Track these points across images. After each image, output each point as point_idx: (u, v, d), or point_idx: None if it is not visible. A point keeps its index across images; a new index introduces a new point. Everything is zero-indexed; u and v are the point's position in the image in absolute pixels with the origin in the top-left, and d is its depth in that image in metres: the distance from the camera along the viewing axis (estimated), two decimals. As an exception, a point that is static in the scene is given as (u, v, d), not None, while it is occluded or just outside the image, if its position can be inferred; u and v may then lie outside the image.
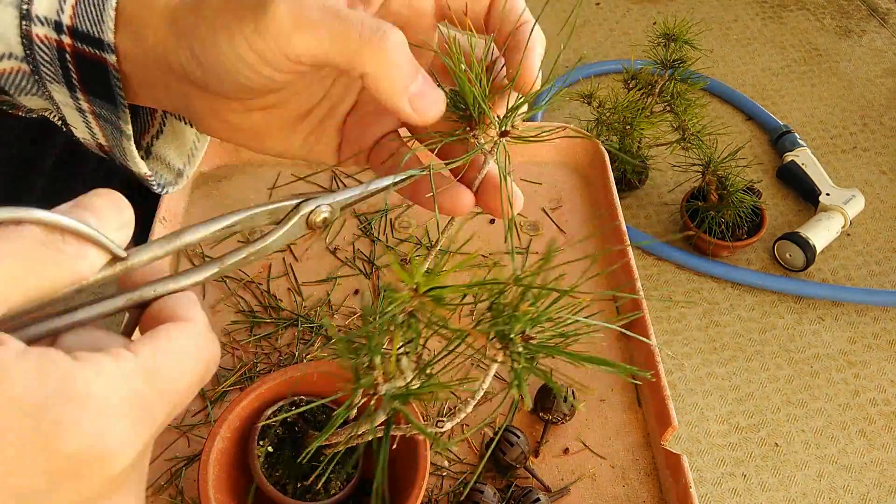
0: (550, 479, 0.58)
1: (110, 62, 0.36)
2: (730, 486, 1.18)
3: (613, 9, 1.98)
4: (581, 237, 0.74)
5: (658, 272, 1.43)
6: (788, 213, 1.53)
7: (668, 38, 1.28)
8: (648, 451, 0.60)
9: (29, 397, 0.21)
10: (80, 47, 0.36)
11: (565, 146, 0.79)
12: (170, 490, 0.56)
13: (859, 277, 1.44)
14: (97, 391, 0.23)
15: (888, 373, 1.31)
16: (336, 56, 0.32)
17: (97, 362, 0.23)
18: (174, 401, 0.26)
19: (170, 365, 0.26)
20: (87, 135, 0.41)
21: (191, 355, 0.27)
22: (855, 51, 1.88)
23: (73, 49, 0.36)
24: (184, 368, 0.27)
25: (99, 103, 0.38)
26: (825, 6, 2.01)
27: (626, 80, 1.34)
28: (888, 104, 1.76)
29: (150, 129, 0.44)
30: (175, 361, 0.26)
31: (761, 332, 1.36)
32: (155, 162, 0.45)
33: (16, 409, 0.21)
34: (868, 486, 1.18)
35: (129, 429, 0.24)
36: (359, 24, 0.32)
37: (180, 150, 0.45)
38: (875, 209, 1.54)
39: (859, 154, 1.65)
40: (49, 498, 0.22)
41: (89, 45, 0.36)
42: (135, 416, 0.24)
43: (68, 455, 0.22)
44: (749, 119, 1.71)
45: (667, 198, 1.53)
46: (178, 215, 0.72)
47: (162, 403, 0.25)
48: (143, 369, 0.25)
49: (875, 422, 1.25)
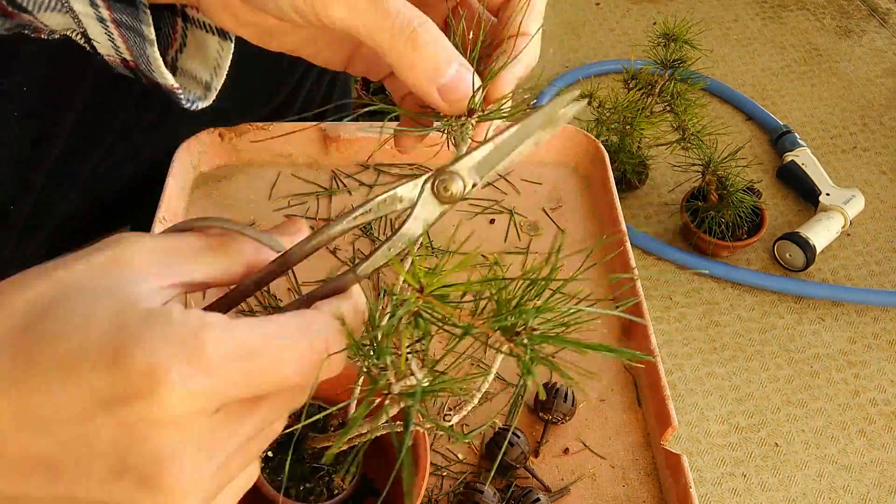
0: (550, 479, 0.58)
1: None
2: (730, 486, 1.18)
3: (613, 9, 1.98)
4: (581, 237, 0.74)
5: (658, 272, 1.43)
6: (788, 213, 1.53)
7: (668, 38, 1.28)
8: (648, 451, 0.60)
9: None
10: None
11: (565, 146, 0.79)
12: (170, 490, 0.56)
13: (859, 277, 1.44)
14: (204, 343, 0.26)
15: (888, 373, 1.31)
16: (367, 38, 0.33)
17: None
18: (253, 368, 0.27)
19: (255, 332, 0.27)
20: (111, 50, 0.40)
21: (287, 329, 0.28)
22: (855, 51, 1.88)
23: None
24: (269, 337, 0.27)
25: (119, 8, 0.37)
26: (825, 6, 2.01)
27: (626, 80, 1.34)
28: (888, 104, 1.76)
29: (173, 44, 0.44)
30: (264, 331, 0.27)
31: (761, 332, 1.36)
32: (182, 77, 0.45)
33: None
34: (868, 486, 1.18)
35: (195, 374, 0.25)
36: (395, 13, 0.32)
37: (205, 62, 0.45)
38: (875, 209, 1.54)
39: (859, 154, 1.65)
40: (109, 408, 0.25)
41: None
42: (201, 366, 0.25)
43: (137, 370, 0.25)
44: (749, 119, 1.71)
45: (667, 198, 1.54)
46: (178, 215, 0.72)
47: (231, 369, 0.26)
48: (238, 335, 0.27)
49: (875, 422, 1.25)
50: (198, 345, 0.25)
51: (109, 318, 0.26)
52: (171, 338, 0.25)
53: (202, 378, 0.25)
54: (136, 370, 0.25)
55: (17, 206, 0.66)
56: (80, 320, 0.26)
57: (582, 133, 0.78)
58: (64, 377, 0.25)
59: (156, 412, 0.25)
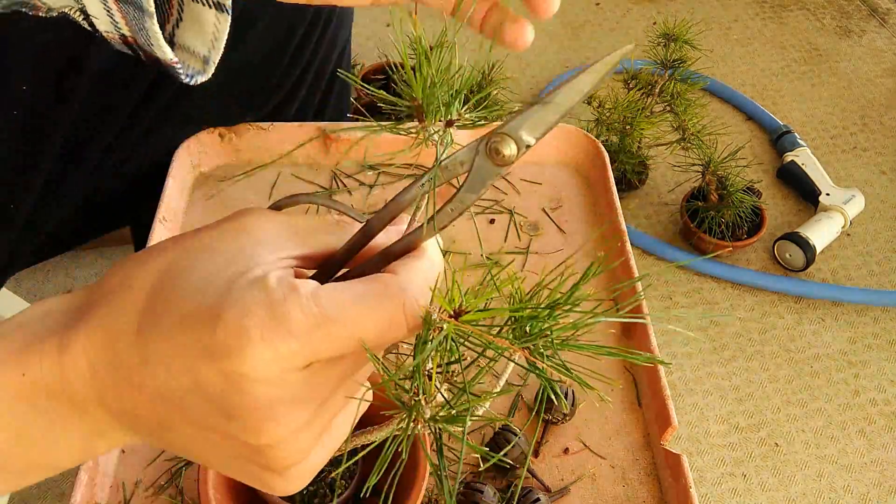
0: (550, 479, 0.58)
1: None
2: (730, 486, 1.18)
3: (613, 9, 1.98)
4: (581, 237, 0.74)
5: (658, 272, 1.43)
6: (788, 213, 1.53)
7: (668, 38, 1.28)
8: (648, 451, 0.60)
9: None
10: None
11: (565, 146, 0.79)
12: (170, 490, 0.56)
13: (859, 277, 1.44)
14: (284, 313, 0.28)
15: (888, 373, 1.31)
16: None
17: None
18: (339, 333, 0.29)
19: (338, 300, 0.29)
20: (111, 26, 0.41)
21: (367, 296, 0.30)
22: (855, 51, 1.88)
23: None
24: (351, 305, 0.29)
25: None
26: (825, 6, 2.01)
27: (626, 80, 1.34)
28: (888, 104, 1.76)
29: (169, 19, 0.45)
30: (346, 298, 0.29)
31: (761, 332, 1.36)
32: (180, 52, 0.45)
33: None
34: (868, 486, 1.18)
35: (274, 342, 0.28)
36: None
37: (203, 36, 0.46)
38: (875, 209, 1.54)
39: (859, 154, 1.65)
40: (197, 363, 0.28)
41: None
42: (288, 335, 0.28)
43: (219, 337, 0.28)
44: (749, 119, 1.71)
45: (667, 198, 1.54)
46: (178, 215, 0.72)
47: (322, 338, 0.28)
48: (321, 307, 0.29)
49: (875, 422, 1.25)
50: (284, 310, 0.28)
51: (223, 283, 0.29)
52: (262, 302, 0.28)
53: (287, 340, 0.28)
54: (229, 329, 0.28)
55: (16, 205, 0.66)
56: (201, 282, 0.29)
57: (582, 133, 0.78)
58: (178, 329, 0.29)
59: (247, 368, 0.27)
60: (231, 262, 0.30)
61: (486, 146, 0.32)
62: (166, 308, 0.29)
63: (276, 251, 0.32)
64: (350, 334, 0.29)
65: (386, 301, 0.30)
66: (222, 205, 0.75)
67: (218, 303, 0.28)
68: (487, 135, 0.32)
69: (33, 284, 1.41)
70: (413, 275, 0.32)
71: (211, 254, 0.31)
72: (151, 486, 0.57)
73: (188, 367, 0.28)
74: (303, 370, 0.29)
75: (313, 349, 0.28)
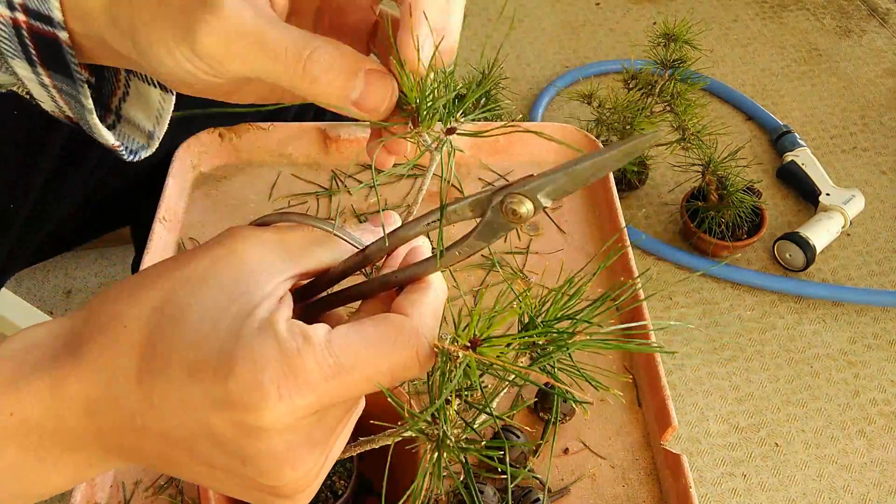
0: (550, 479, 0.58)
1: (62, 39, 0.37)
2: (730, 486, 1.18)
3: (613, 9, 1.98)
4: (581, 237, 0.74)
5: (658, 272, 1.43)
6: (788, 213, 1.53)
7: (668, 38, 1.28)
8: (648, 451, 0.60)
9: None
10: (34, 24, 0.37)
11: (565, 146, 0.79)
12: (170, 490, 0.56)
13: (859, 277, 1.44)
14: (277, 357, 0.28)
15: (888, 373, 1.31)
16: (270, 79, 0.33)
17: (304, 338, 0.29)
18: (346, 381, 0.29)
19: (352, 347, 0.29)
20: (54, 107, 0.42)
21: (381, 342, 0.30)
22: (855, 51, 1.88)
23: (28, 25, 0.37)
24: (364, 352, 0.29)
25: (59, 78, 0.39)
26: (825, 6, 2.01)
27: (626, 80, 1.34)
28: (888, 104, 1.76)
29: (116, 92, 0.45)
30: (359, 346, 0.30)
31: (761, 332, 1.36)
32: (125, 125, 0.46)
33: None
34: (868, 486, 1.18)
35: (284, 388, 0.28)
36: (283, 51, 0.32)
37: (147, 111, 0.46)
38: (875, 209, 1.54)
39: (859, 154, 1.65)
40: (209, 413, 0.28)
41: (41, 21, 0.36)
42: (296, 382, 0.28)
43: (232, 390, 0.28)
44: (749, 119, 1.71)
45: (667, 198, 1.54)
46: (178, 214, 0.72)
47: (329, 384, 0.29)
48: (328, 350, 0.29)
49: (875, 422, 1.25)
50: (300, 363, 0.28)
51: (229, 327, 0.29)
52: (276, 356, 0.28)
53: (303, 393, 0.28)
54: (244, 385, 0.28)
55: (16, 205, 0.66)
56: (203, 324, 0.29)
57: (582, 133, 0.78)
58: (187, 379, 0.28)
59: (264, 421, 0.28)
60: (230, 297, 0.30)
61: (502, 204, 0.31)
62: (169, 352, 0.29)
63: (273, 276, 0.31)
64: (365, 379, 0.29)
65: (400, 346, 0.30)
66: (222, 204, 0.75)
67: (228, 353, 0.28)
68: (504, 189, 0.31)
69: (33, 284, 1.41)
70: (424, 314, 0.32)
71: (206, 287, 0.30)
72: (151, 486, 0.56)
73: (200, 416, 0.28)
74: (316, 413, 0.29)
75: (329, 397, 0.29)
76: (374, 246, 0.35)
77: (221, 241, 0.32)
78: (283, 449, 0.29)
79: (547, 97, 1.68)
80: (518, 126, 0.36)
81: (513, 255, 0.72)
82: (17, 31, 0.37)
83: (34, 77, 0.39)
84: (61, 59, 0.38)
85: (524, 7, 1.96)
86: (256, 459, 0.29)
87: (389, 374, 0.30)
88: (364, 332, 0.30)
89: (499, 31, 1.90)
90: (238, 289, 0.30)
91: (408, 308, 0.32)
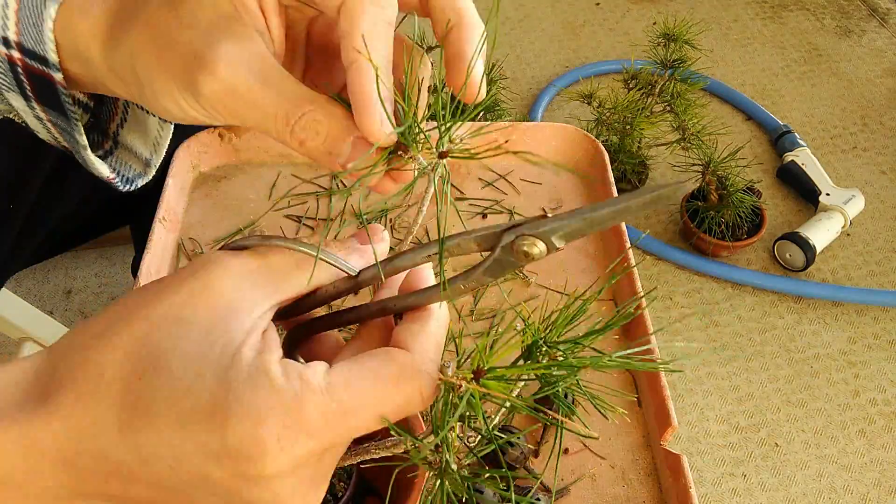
0: (550, 479, 0.58)
1: (57, 80, 0.37)
2: (730, 486, 1.18)
3: (613, 9, 1.98)
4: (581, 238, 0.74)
5: (658, 272, 1.43)
6: (788, 213, 1.53)
7: (668, 38, 1.28)
8: (648, 451, 0.60)
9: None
10: (29, 63, 0.37)
11: (565, 146, 0.79)
12: None
13: (859, 277, 1.44)
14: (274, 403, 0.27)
15: (888, 373, 1.31)
16: (262, 131, 0.33)
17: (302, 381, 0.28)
18: (347, 423, 0.28)
19: (353, 389, 0.29)
20: (50, 138, 0.42)
21: (383, 381, 0.29)
22: (855, 51, 1.88)
23: (23, 63, 0.37)
24: (367, 394, 0.29)
25: (53, 114, 0.39)
26: (825, 6, 2.01)
27: (626, 80, 1.34)
28: (888, 104, 1.76)
29: (114, 118, 0.45)
30: (361, 387, 0.29)
31: (761, 332, 1.36)
32: (123, 151, 0.46)
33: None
34: (868, 486, 1.18)
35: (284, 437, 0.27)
36: (273, 113, 0.32)
37: (145, 138, 0.46)
38: (875, 209, 1.54)
39: (859, 154, 1.65)
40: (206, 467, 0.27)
41: (36, 61, 0.37)
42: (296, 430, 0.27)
43: (232, 441, 0.27)
44: (749, 119, 1.72)
45: (667, 198, 1.53)
46: (178, 215, 0.72)
47: (327, 425, 0.28)
48: (328, 388, 0.28)
49: (875, 422, 1.25)
50: (300, 412, 0.27)
51: (215, 373, 0.28)
52: (274, 406, 0.27)
53: (304, 441, 0.27)
54: (242, 438, 0.27)
55: (15, 204, 0.66)
56: (187, 371, 0.28)
57: (582, 133, 0.78)
58: (178, 430, 0.27)
59: (266, 471, 0.27)
60: (210, 340, 0.28)
61: (513, 245, 0.30)
62: (153, 402, 0.28)
63: (252, 309, 0.30)
64: (367, 420, 0.29)
65: (403, 384, 0.30)
66: (222, 205, 0.75)
67: (220, 404, 0.27)
68: (515, 228, 0.29)
69: (33, 284, 1.41)
70: (427, 349, 0.31)
71: (185, 327, 0.29)
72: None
73: (196, 467, 0.27)
74: (317, 455, 0.29)
75: (330, 441, 0.28)
76: (368, 273, 0.33)
77: (196, 273, 0.30)
78: (287, 493, 0.28)
79: (547, 97, 1.68)
80: (508, 149, 0.35)
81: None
82: (13, 67, 0.37)
83: (29, 110, 0.39)
84: (55, 98, 0.38)
85: (524, 7, 1.96)
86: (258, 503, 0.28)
87: (392, 413, 0.29)
88: (365, 372, 0.29)
89: (499, 31, 1.90)
90: (217, 328, 0.29)
91: (409, 341, 0.31)
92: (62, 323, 1.06)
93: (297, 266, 0.32)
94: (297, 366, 0.29)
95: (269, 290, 0.31)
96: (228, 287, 0.30)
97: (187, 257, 0.70)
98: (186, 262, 0.70)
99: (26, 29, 0.36)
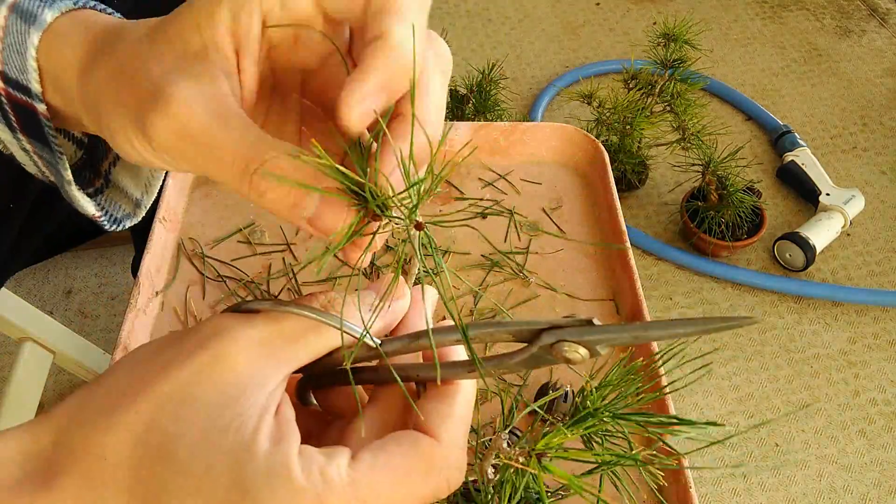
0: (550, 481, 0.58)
1: (40, 111, 0.36)
2: (730, 486, 1.18)
3: (613, 9, 1.98)
4: (581, 237, 0.74)
5: (658, 272, 1.43)
6: (788, 213, 1.53)
7: (668, 38, 1.28)
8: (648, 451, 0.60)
9: None
10: (13, 93, 0.36)
11: (565, 146, 0.79)
12: None
13: (859, 277, 1.44)
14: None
15: (888, 373, 1.31)
16: (218, 182, 0.30)
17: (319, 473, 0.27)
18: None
19: (379, 487, 0.28)
20: (37, 171, 0.41)
21: (410, 476, 0.28)
22: (855, 51, 1.88)
23: (7, 93, 0.36)
24: (394, 490, 0.28)
25: (39, 146, 0.38)
26: (825, 6, 2.01)
27: (626, 80, 1.34)
28: (888, 104, 1.76)
29: (107, 156, 0.44)
30: (387, 483, 0.28)
31: (761, 332, 1.36)
32: (114, 191, 0.44)
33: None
34: (868, 486, 1.18)
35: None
36: (230, 160, 0.28)
37: (136, 179, 0.45)
38: (875, 209, 1.54)
39: (859, 154, 1.65)
40: None
41: (20, 91, 0.36)
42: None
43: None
44: (749, 119, 1.71)
45: (667, 198, 1.54)
46: (178, 215, 0.72)
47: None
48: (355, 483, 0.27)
49: (875, 422, 1.25)
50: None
51: (230, 468, 0.26)
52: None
53: None
54: None
55: (15, 205, 0.66)
56: (198, 461, 0.26)
57: (582, 133, 0.78)
58: None
59: None
60: (223, 424, 0.27)
61: (553, 347, 0.28)
62: (163, 493, 0.27)
63: (266, 383, 0.28)
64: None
65: (430, 478, 0.29)
66: (221, 205, 0.75)
67: (237, 500, 0.26)
68: (558, 330, 0.28)
69: (33, 284, 1.41)
70: (455, 435, 0.30)
71: (193, 409, 0.27)
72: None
73: None
74: None
75: None
76: (390, 347, 0.32)
77: (204, 344, 0.29)
78: None
79: (547, 97, 1.68)
80: (483, 207, 0.35)
81: (512, 255, 0.72)
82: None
83: (15, 142, 0.38)
84: (39, 129, 0.36)
85: (524, 7, 1.96)
86: None
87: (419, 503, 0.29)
88: (391, 465, 0.28)
89: (499, 31, 1.90)
90: (229, 409, 0.27)
91: (437, 425, 0.30)
92: (62, 323, 1.06)
93: (310, 331, 0.31)
94: (319, 460, 0.27)
95: (282, 360, 0.29)
96: (241, 361, 0.28)
97: (187, 257, 0.70)
98: (186, 262, 0.70)
99: (10, 56, 0.35)
